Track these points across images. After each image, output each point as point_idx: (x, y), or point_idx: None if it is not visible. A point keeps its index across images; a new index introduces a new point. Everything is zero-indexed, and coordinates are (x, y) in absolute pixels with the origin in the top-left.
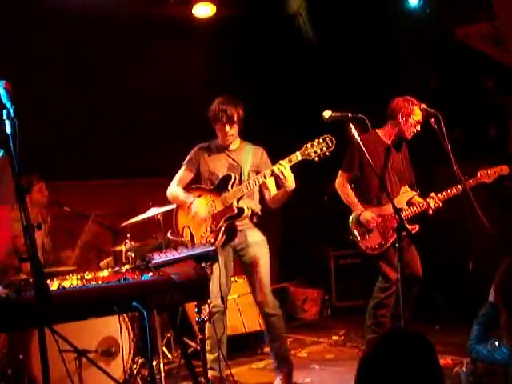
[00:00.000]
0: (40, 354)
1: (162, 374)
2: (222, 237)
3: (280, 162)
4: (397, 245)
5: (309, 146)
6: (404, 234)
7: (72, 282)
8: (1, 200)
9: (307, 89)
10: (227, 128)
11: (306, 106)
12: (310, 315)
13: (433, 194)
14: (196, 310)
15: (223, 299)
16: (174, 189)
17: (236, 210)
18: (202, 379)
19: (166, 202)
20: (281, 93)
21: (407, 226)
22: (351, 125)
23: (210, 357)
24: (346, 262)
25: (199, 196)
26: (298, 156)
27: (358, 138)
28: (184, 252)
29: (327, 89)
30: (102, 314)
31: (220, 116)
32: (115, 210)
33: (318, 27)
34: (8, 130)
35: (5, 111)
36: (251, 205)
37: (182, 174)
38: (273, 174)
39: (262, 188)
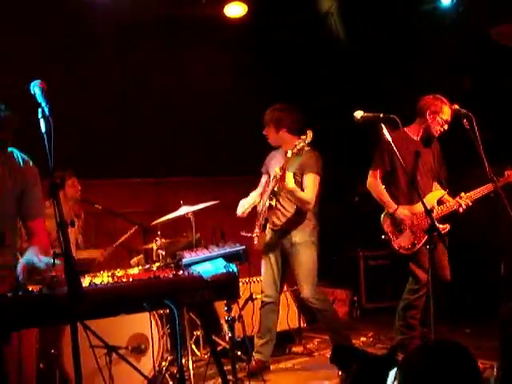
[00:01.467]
0: (72, 349)
1: (191, 372)
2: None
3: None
4: (428, 246)
5: (296, 143)
6: (435, 234)
7: (103, 278)
8: (36, 213)
9: (338, 89)
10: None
11: (336, 105)
12: None
13: (462, 194)
14: (226, 308)
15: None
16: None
17: (267, 205)
18: (231, 377)
19: (196, 200)
20: (312, 93)
21: (438, 226)
22: (383, 125)
23: (258, 341)
24: (376, 262)
25: (261, 194)
26: (289, 153)
27: (389, 139)
28: (214, 251)
29: (358, 89)
30: (133, 311)
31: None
32: (146, 208)
33: (349, 27)
34: (43, 129)
35: (40, 110)
36: (287, 205)
37: (262, 179)
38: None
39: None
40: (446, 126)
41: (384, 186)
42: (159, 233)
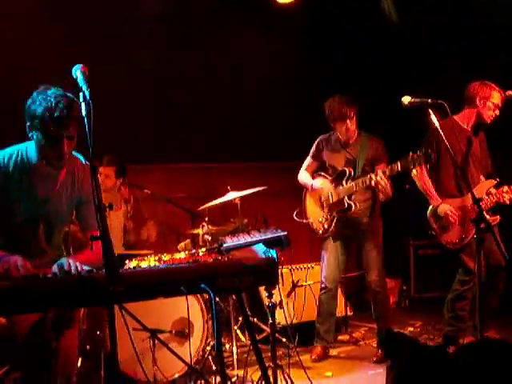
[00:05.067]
0: (109, 331)
1: (235, 357)
2: (334, 226)
3: (379, 171)
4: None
5: (409, 158)
6: (483, 226)
7: (149, 262)
8: (95, 224)
9: (391, 72)
10: (348, 124)
11: (388, 90)
12: None
13: (506, 189)
14: (266, 294)
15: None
16: (302, 174)
17: (346, 205)
18: (271, 364)
19: (244, 186)
20: (362, 77)
21: (487, 216)
22: (431, 111)
23: (321, 328)
24: (426, 252)
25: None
26: (398, 166)
27: (437, 125)
28: (256, 236)
29: (410, 73)
30: (171, 295)
31: (341, 114)
32: (195, 193)
33: (403, 9)
34: (83, 113)
35: (81, 94)
36: (366, 196)
37: (308, 163)
38: (373, 181)
39: None
40: (497, 111)
41: (432, 176)
42: (207, 218)
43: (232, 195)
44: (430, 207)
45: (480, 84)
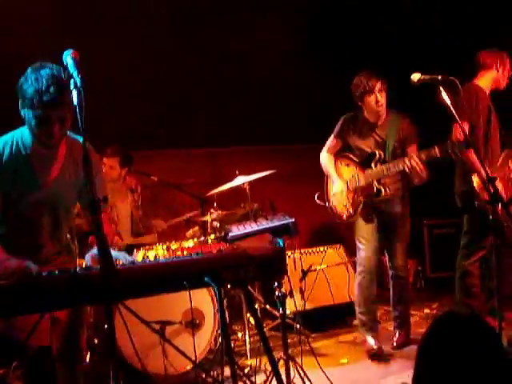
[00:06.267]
0: (107, 328)
1: (248, 346)
2: (361, 210)
3: (414, 155)
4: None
5: (449, 144)
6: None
7: (158, 251)
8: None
9: (406, 52)
10: (378, 97)
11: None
12: None
13: None
14: (276, 284)
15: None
16: (324, 158)
17: (375, 190)
18: (282, 354)
19: (253, 170)
20: (377, 58)
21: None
22: (441, 88)
23: (365, 317)
24: (441, 231)
25: (347, 165)
26: (436, 152)
27: (448, 103)
28: (263, 224)
29: (422, 51)
30: (173, 290)
31: (369, 86)
32: (203, 179)
33: None
34: (75, 100)
35: (72, 81)
36: (396, 180)
37: (331, 144)
38: (407, 166)
39: None
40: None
41: None
42: (215, 204)
43: (240, 180)
44: (478, 178)
45: (497, 51)
